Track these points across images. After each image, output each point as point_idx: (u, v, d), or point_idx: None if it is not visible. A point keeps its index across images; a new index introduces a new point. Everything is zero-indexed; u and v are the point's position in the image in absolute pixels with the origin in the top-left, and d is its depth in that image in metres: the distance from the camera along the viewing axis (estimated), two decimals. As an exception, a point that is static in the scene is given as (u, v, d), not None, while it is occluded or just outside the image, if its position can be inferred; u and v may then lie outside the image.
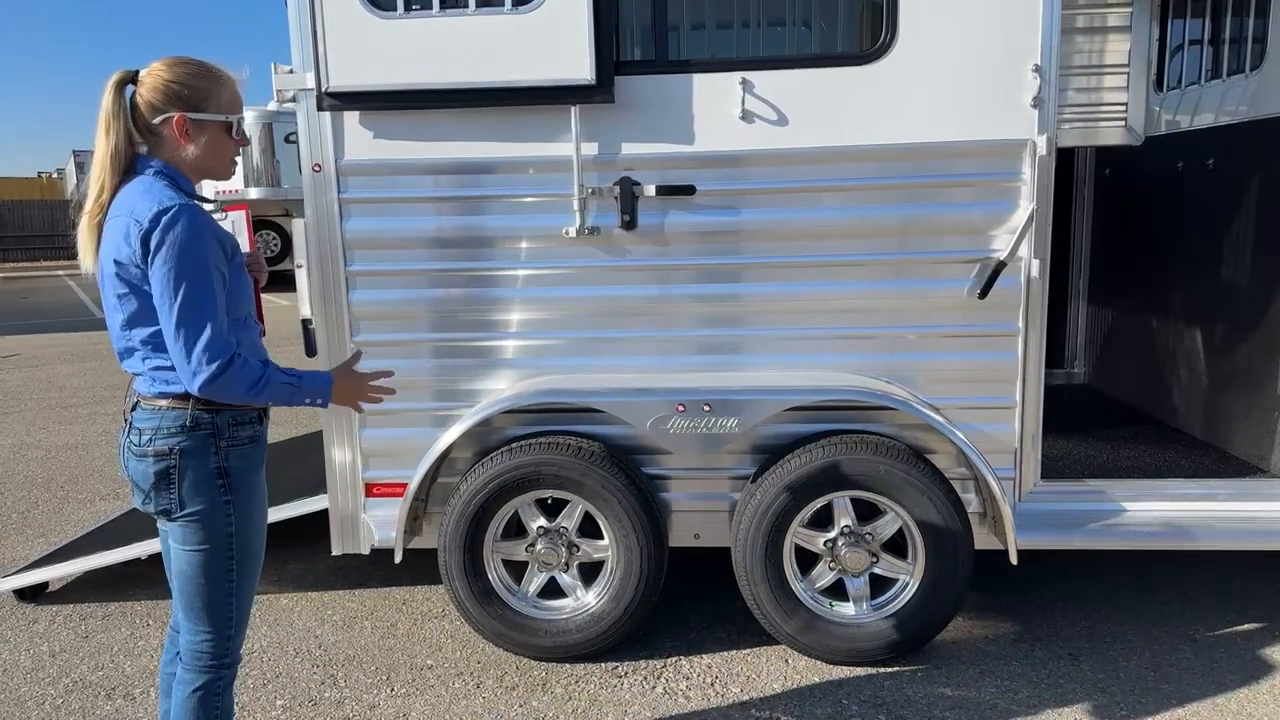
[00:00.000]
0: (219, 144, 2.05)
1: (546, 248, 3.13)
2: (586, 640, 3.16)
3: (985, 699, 2.95)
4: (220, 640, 2.11)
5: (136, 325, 1.96)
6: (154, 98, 1.97)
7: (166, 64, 2.00)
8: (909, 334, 3.12)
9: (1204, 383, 3.87)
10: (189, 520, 2.02)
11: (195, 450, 1.99)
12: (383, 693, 3.09)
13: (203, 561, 2.05)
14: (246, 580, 2.12)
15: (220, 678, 2.13)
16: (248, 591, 2.13)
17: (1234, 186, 3.61)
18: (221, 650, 2.12)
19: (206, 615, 2.09)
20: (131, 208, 1.90)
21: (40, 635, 3.55)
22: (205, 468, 2.00)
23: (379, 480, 3.31)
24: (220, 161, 2.07)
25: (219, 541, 2.04)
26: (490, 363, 3.22)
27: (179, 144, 2.00)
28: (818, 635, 3.11)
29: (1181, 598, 3.60)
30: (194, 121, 2.00)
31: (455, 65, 2.95)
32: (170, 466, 1.98)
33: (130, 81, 1.99)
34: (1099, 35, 4.22)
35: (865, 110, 2.99)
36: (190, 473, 1.99)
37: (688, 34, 3.37)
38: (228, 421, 2.02)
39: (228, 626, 2.11)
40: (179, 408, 1.98)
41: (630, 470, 3.11)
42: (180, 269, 1.87)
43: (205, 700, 2.12)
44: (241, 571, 2.09)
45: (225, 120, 2.04)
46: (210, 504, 2.01)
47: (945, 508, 3.01)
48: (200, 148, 2.02)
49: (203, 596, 2.07)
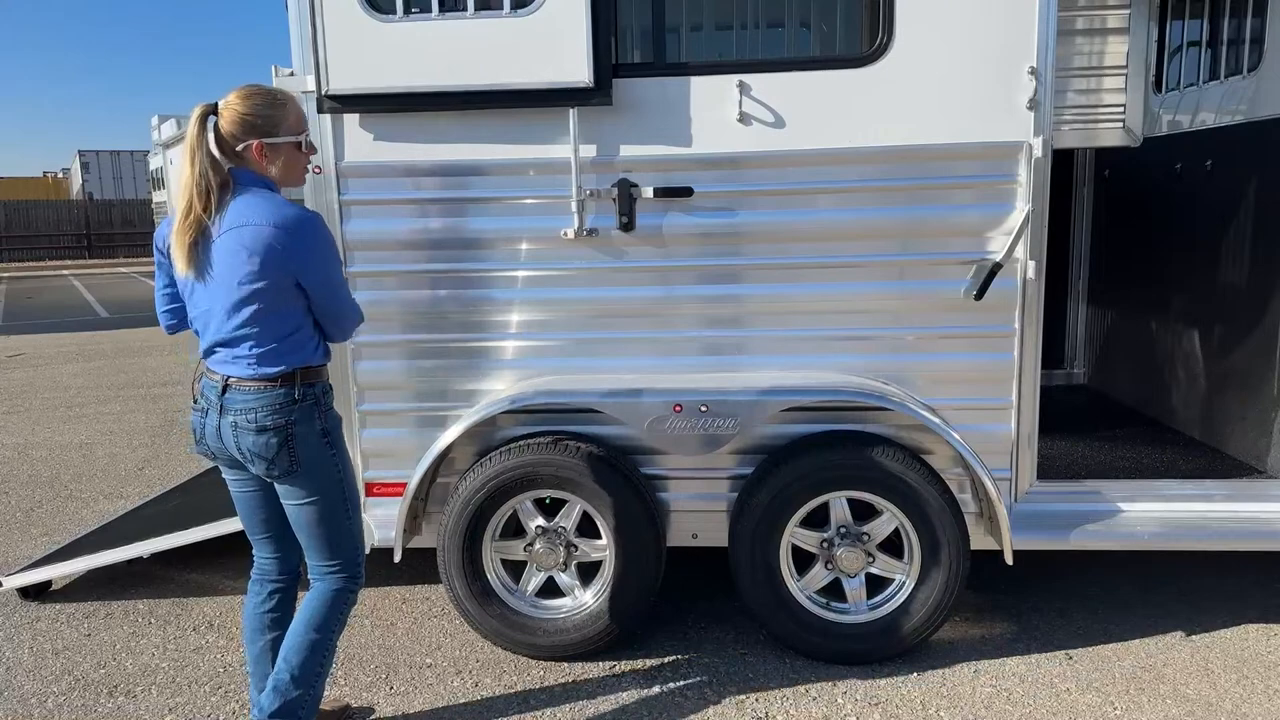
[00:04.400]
0: (293, 160, 2.39)
1: (545, 249, 3.15)
2: (584, 639, 3.18)
3: (980, 698, 2.96)
4: (352, 564, 2.55)
5: (266, 313, 2.29)
6: (234, 129, 2.29)
7: (241, 96, 2.30)
8: (905, 335, 3.13)
9: (1202, 383, 3.88)
10: (308, 476, 2.41)
11: (305, 418, 2.37)
12: (382, 691, 3.11)
13: (325, 506, 2.45)
14: (358, 512, 2.55)
15: (352, 590, 2.57)
16: (360, 520, 2.57)
17: (1232, 188, 3.62)
18: (355, 569, 2.56)
19: (338, 549, 2.51)
20: (268, 218, 2.25)
21: (43, 633, 3.58)
22: (314, 432, 2.39)
23: (379, 480, 3.34)
24: (296, 174, 2.41)
25: (334, 487, 2.45)
26: (489, 363, 3.23)
27: (262, 164, 2.33)
28: (814, 635, 3.12)
29: (1178, 598, 3.61)
30: (270, 146, 2.32)
31: (454, 68, 2.97)
32: (289, 435, 2.35)
33: (211, 113, 2.30)
34: (1098, 37, 4.22)
35: (862, 112, 3.00)
36: (303, 439, 2.37)
37: (686, 36, 3.39)
38: (321, 390, 2.43)
39: (355, 550, 2.55)
40: (286, 385, 2.35)
41: (628, 470, 3.13)
42: (335, 260, 2.34)
43: (340, 602, 2.54)
44: (353, 502, 2.52)
45: (296, 140, 2.36)
46: (322, 460, 2.42)
47: (941, 508, 3.02)
48: (279, 167, 2.36)
49: (331, 535, 2.48)
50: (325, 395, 2.45)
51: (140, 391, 8.38)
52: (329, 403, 2.46)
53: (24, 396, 8.30)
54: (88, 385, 8.76)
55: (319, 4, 2.94)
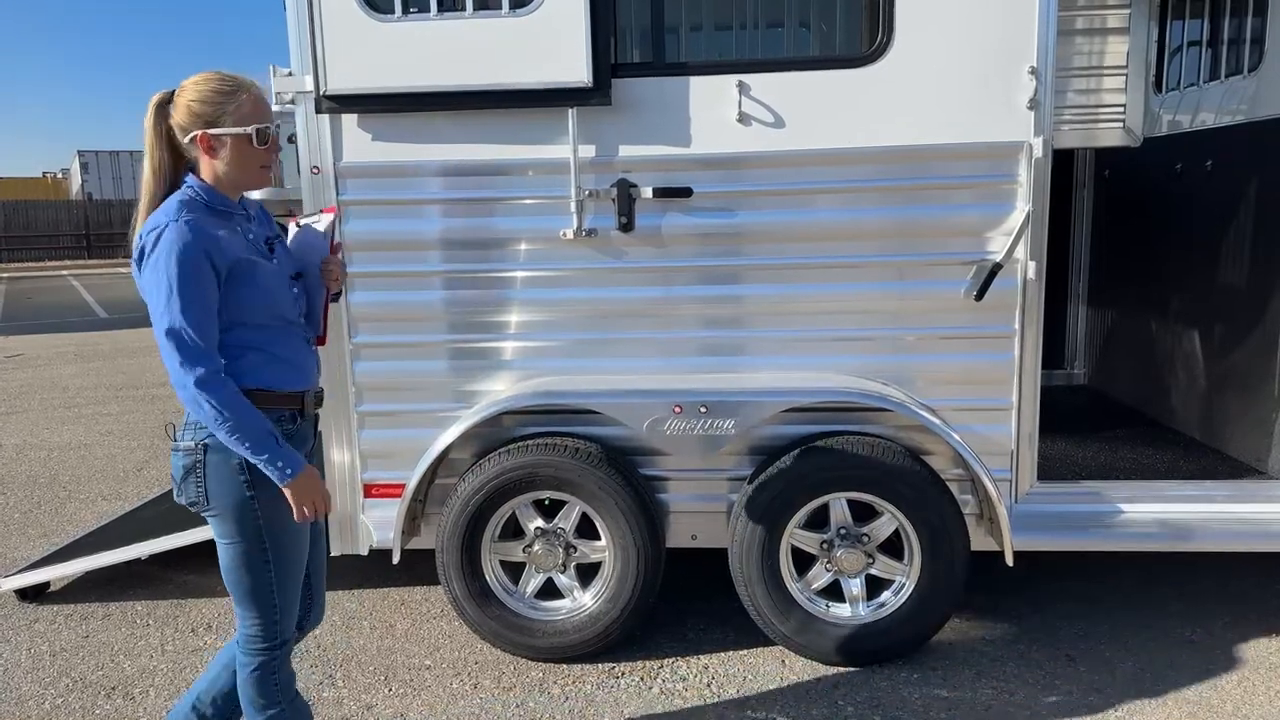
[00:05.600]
0: (243, 155, 2.08)
1: (544, 249, 3.14)
2: (583, 641, 3.17)
3: (981, 700, 2.95)
4: (268, 625, 2.19)
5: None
6: (180, 119, 2.05)
7: (191, 83, 2.07)
8: (905, 335, 3.13)
9: (1202, 384, 3.87)
10: (217, 514, 2.10)
11: (219, 446, 2.04)
12: (381, 693, 3.10)
13: (238, 554, 2.12)
14: (287, 570, 2.17)
15: (274, 658, 2.22)
16: (292, 581, 2.20)
17: (1232, 188, 3.61)
18: (271, 634, 2.20)
19: (253, 603, 2.17)
20: (148, 224, 2.00)
21: (41, 635, 3.57)
22: (228, 463, 2.06)
23: (377, 481, 3.33)
24: (247, 172, 2.11)
25: (251, 535, 2.11)
26: (488, 364, 3.23)
27: (208, 157, 2.07)
28: (814, 636, 3.12)
29: (1179, 599, 3.61)
30: (214, 137, 2.05)
31: (453, 68, 2.97)
32: (196, 461, 2.06)
33: (168, 101, 2.07)
34: (1098, 37, 4.22)
35: (861, 113, 3.00)
36: (214, 468, 2.06)
37: (685, 36, 3.38)
38: None
39: (273, 612, 2.18)
40: None
41: (627, 471, 3.12)
42: (166, 281, 1.94)
43: (263, 679, 2.22)
44: (278, 563, 2.15)
45: (244, 133, 2.06)
46: (236, 500, 2.08)
47: (941, 509, 3.01)
48: (225, 162, 2.08)
49: (244, 586, 2.15)
50: None
51: (139, 392, 8.38)
52: None
53: (23, 397, 8.29)
54: (86, 386, 8.75)
55: (317, 4, 2.94)
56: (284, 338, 2.17)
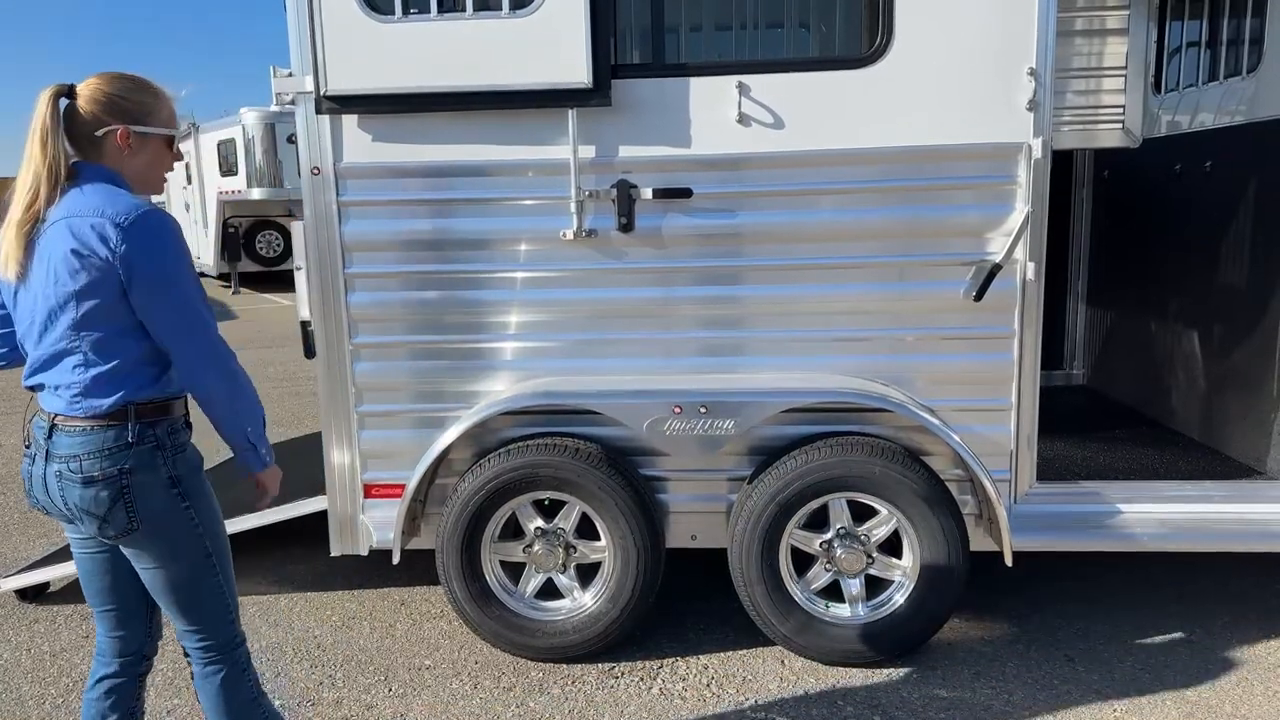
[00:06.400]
0: (160, 158, 2.08)
1: (544, 250, 3.14)
2: (583, 641, 3.17)
3: (980, 701, 2.96)
4: (224, 629, 2.14)
5: (90, 327, 1.91)
6: (97, 110, 1.97)
7: (106, 78, 2.01)
8: (905, 336, 3.13)
9: (1202, 385, 3.88)
10: (156, 537, 2.01)
11: (145, 465, 1.96)
12: (380, 693, 3.10)
13: (183, 570, 2.05)
14: (227, 570, 2.15)
15: (237, 660, 2.16)
16: (232, 579, 2.17)
17: (1231, 189, 3.62)
18: (228, 637, 2.15)
19: (205, 615, 2.10)
20: (100, 208, 1.88)
21: (41, 635, 3.57)
22: (158, 481, 1.98)
23: (378, 481, 3.33)
24: (158, 174, 2.10)
25: (192, 546, 2.05)
26: (488, 364, 3.23)
27: (122, 155, 2.01)
28: (813, 636, 3.12)
29: (1178, 599, 3.61)
30: (137, 134, 2.01)
31: (453, 69, 2.97)
32: (124, 487, 1.95)
33: (65, 95, 1.98)
34: (1097, 38, 4.22)
35: (861, 113, 3.00)
36: (143, 489, 1.96)
37: (685, 37, 3.39)
38: (167, 431, 2.01)
39: (227, 615, 2.14)
40: (115, 424, 1.94)
41: (627, 472, 3.12)
42: (179, 266, 1.92)
43: (234, 683, 2.15)
44: (221, 563, 2.12)
45: (168, 134, 2.07)
46: (172, 515, 2.01)
47: (941, 510, 3.02)
48: (143, 161, 2.04)
49: (197, 600, 2.08)
50: (173, 435, 2.01)
51: (139, 392, 8.36)
52: (180, 443, 2.03)
53: (22, 397, 8.29)
54: (86, 386, 8.73)
55: (318, 4, 2.94)
56: None
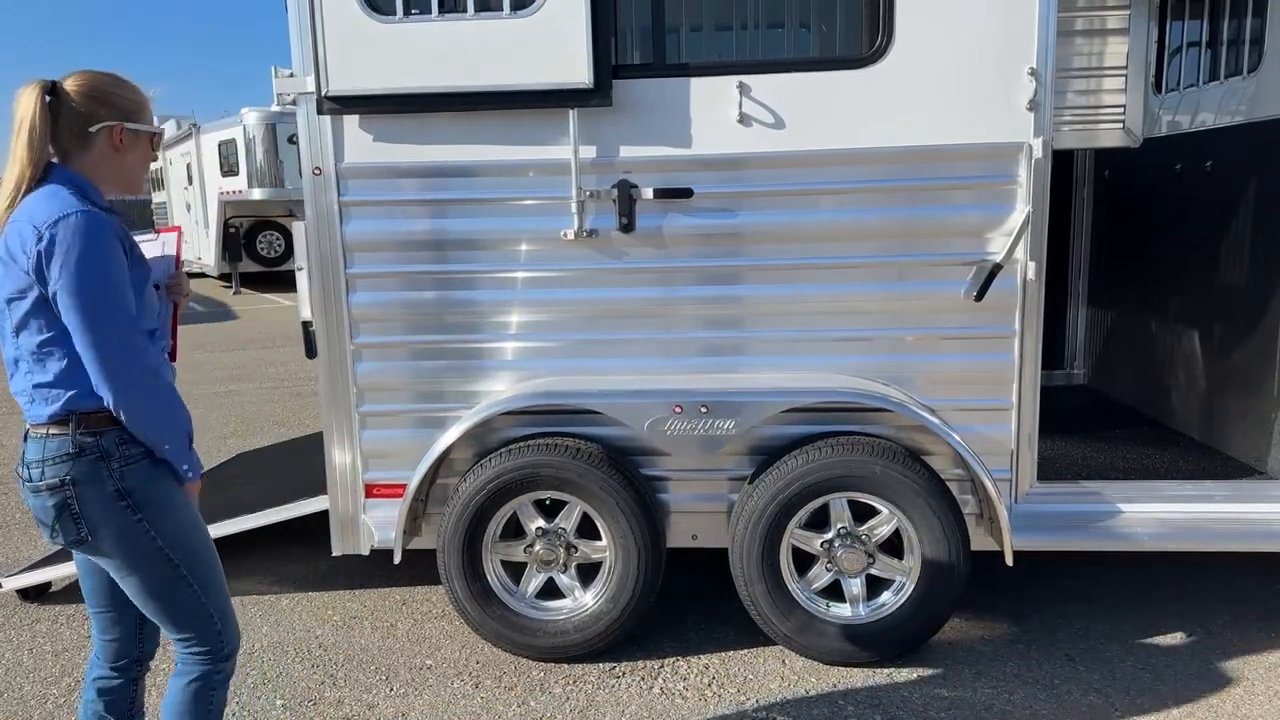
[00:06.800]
0: (145, 156, 2.06)
1: (545, 250, 3.14)
2: (584, 640, 3.18)
3: (980, 700, 2.96)
4: (210, 637, 2.07)
5: (28, 333, 1.88)
6: (94, 107, 1.94)
7: (92, 74, 1.97)
8: (905, 336, 3.14)
9: (1202, 384, 3.88)
10: (113, 549, 1.95)
11: (88, 477, 1.89)
12: (382, 692, 3.11)
13: (150, 580, 1.98)
14: (208, 577, 2.05)
15: (218, 670, 2.10)
16: (217, 586, 2.07)
17: (1232, 189, 3.62)
18: (216, 645, 2.08)
19: (186, 622, 2.04)
20: (32, 212, 1.85)
21: (43, 635, 3.57)
22: (103, 493, 1.91)
23: (379, 481, 3.33)
24: (141, 173, 2.08)
25: (153, 557, 1.97)
26: (489, 364, 3.23)
27: (113, 153, 1.98)
28: (814, 636, 3.12)
29: (1178, 599, 3.61)
30: (130, 131, 1.99)
31: (454, 69, 2.97)
32: (68, 498, 1.89)
33: (50, 92, 1.93)
34: (1097, 38, 4.22)
35: (861, 113, 3.01)
36: (89, 501, 1.90)
37: (686, 37, 3.39)
38: (115, 441, 1.91)
39: (212, 624, 2.07)
40: (60, 434, 1.89)
41: (628, 471, 3.13)
42: (91, 272, 1.82)
43: (201, 693, 2.08)
44: (196, 571, 2.02)
45: (155, 133, 2.05)
46: (123, 528, 1.93)
47: (941, 509, 3.02)
48: (133, 158, 2.03)
49: (173, 609, 2.02)
50: (124, 446, 1.92)
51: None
52: (132, 455, 1.93)
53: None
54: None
55: (319, 5, 2.94)
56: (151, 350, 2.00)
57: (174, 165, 18.66)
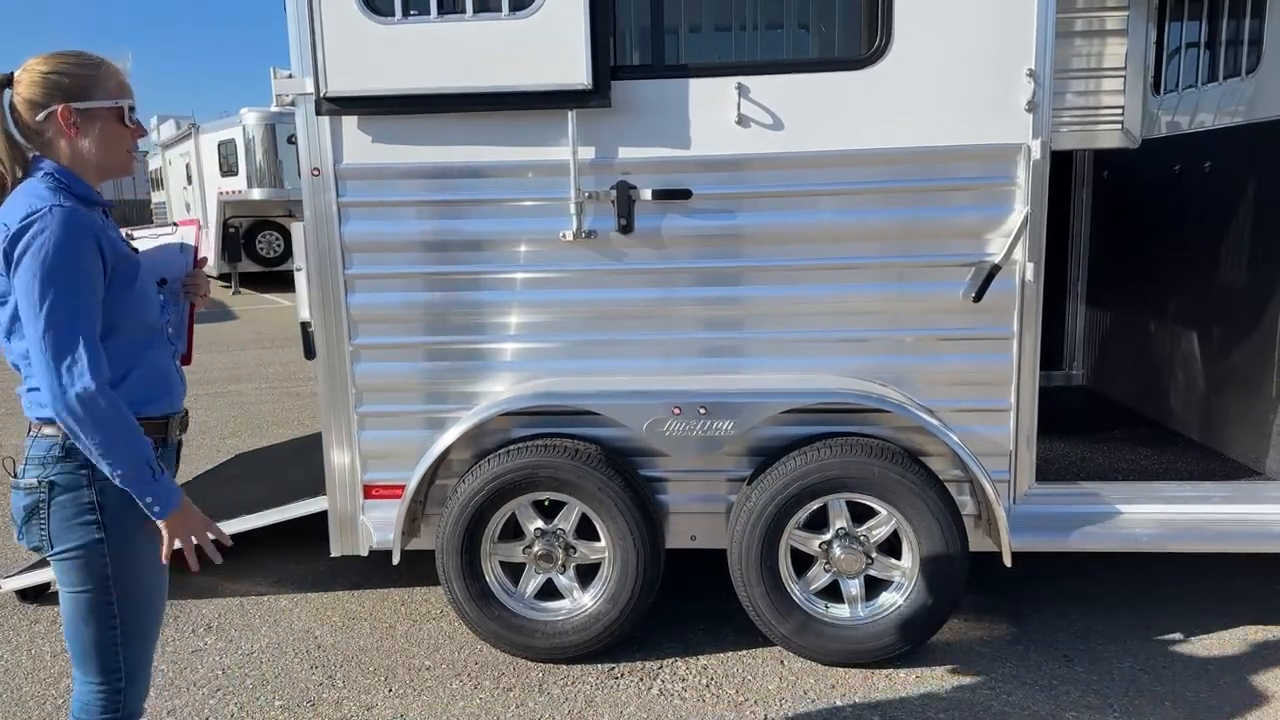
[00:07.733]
0: (113, 135, 1.88)
1: (544, 251, 3.15)
2: (583, 641, 3.18)
3: (979, 701, 2.96)
4: (110, 693, 1.93)
5: (14, 336, 1.82)
6: (33, 94, 1.81)
7: (42, 58, 1.84)
8: (904, 337, 3.14)
9: (1201, 385, 3.88)
10: (61, 559, 1.86)
11: (66, 483, 1.83)
12: (380, 693, 3.11)
13: (81, 605, 1.87)
14: (137, 628, 1.92)
15: None
16: (141, 641, 1.94)
17: (1231, 189, 3.62)
18: (111, 704, 1.93)
19: (93, 663, 1.91)
20: (8, 211, 1.76)
21: (42, 636, 3.57)
22: (76, 502, 1.83)
23: (378, 482, 3.34)
24: (117, 154, 1.90)
25: (96, 583, 1.86)
26: (488, 365, 3.23)
27: (69, 139, 1.84)
28: (813, 637, 3.12)
29: (1177, 600, 3.61)
30: (80, 112, 1.83)
31: (453, 70, 2.97)
32: (40, 500, 1.83)
33: (5, 85, 1.83)
34: (1096, 38, 4.23)
35: (860, 114, 3.01)
36: (60, 507, 1.83)
37: (684, 38, 3.39)
38: None
39: (116, 679, 1.92)
40: (51, 435, 1.83)
41: (627, 472, 3.13)
42: (46, 275, 1.71)
43: None
44: (126, 619, 1.89)
45: (115, 106, 1.86)
46: (82, 542, 1.84)
47: (940, 510, 3.02)
48: (94, 141, 1.85)
49: (85, 642, 1.89)
50: None
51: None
52: None
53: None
54: (87, 386, 8.73)
55: (318, 5, 2.94)
56: (153, 352, 1.94)
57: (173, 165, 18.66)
